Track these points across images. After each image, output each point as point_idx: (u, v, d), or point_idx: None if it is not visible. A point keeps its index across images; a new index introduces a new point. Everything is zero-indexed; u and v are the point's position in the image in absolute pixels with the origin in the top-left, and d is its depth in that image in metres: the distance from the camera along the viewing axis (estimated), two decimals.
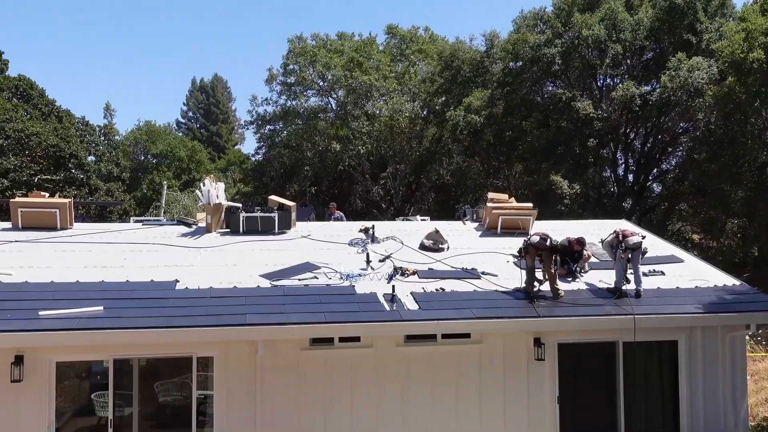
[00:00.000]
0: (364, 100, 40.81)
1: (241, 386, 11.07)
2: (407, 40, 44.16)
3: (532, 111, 34.61)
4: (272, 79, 43.41)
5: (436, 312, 11.30)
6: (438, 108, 40.35)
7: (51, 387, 10.57)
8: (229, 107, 72.78)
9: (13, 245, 13.66)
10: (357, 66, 40.73)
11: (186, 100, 71.90)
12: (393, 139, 41.24)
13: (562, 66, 32.53)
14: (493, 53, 37.09)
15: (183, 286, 11.86)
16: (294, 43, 42.73)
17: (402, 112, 39.21)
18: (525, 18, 36.63)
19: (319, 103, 44.03)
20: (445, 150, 40.58)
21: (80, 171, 39.49)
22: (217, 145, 67.50)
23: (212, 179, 16.00)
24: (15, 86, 42.75)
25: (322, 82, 42.41)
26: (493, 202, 16.57)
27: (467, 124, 34.66)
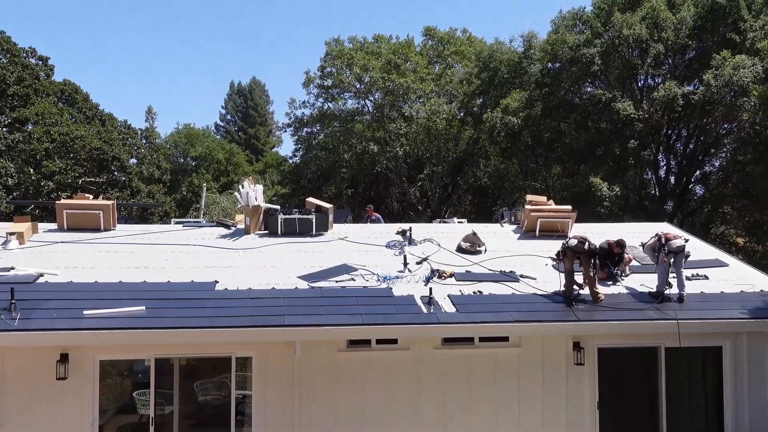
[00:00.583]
0: (401, 102, 40.83)
1: (278, 387, 11.16)
2: (445, 41, 44.04)
3: (571, 112, 34.18)
4: (309, 82, 43.70)
5: (473, 315, 11.23)
6: (475, 110, 40.13)
7: (94, 385, 10.81)
8: (266, 110, 73.51)
9: (59, 246, 14.01)
10: (394, 68, 40.76)
11: (224, 104, 72.87)
12: (430, 141, 41.15)
13: (601, 66, 32.07)
14: (531, 54, 36.76)
15: (222, 286, 12.01)
16: (331, 46, 42.97)
17: (439, 113, 39.10)
18: (564, 18, 36.22)
19: (355, 106, 44.19)
20: (482, 152, 40.35)
21: (122, 173, 40.27)
22: (255, 147, 68.25)
23: (251, 181, 16.17)
24: (60, 91, 43.88)
25: (359, 84, 42.53)
26: (531, 205, 16.42)
27: (505, 126, 34.41)
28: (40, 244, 14.09)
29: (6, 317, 10.26)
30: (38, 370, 10.60)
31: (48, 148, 36.66)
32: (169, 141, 59.24)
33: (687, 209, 34.48)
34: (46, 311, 10.64)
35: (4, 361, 10.60)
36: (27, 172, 36.79)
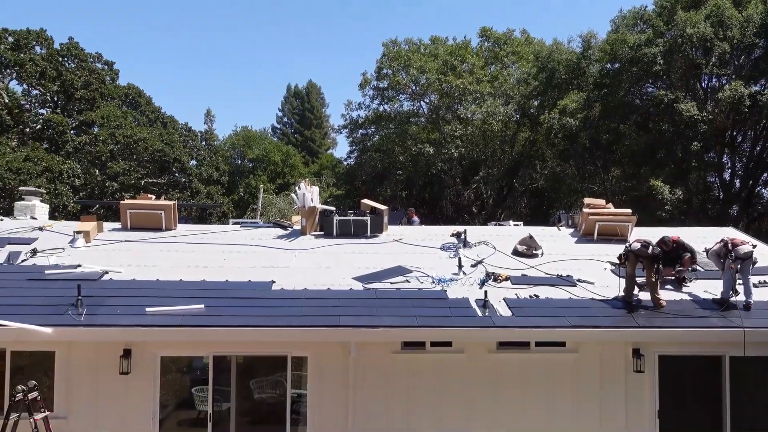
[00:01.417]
0: (457, 104, 40.66)
1: (333, 387, 11.23)
2: (501, 42, 43.66)
3: (631, 113, 33.42)
4: (366, 83, 43.93)
5: (529, 319, 11.09)
6: (532, 111, 39.66)
7: (156, 380, 11.11)
8: (322, 112, 74.22)
9: (122, 244, 14.45)
10: (450, 70, 40.63)
11: (281, 106, 73.93)
12: (485, 142, 40.84)
13: (663, 66, 31.26)
14: (590, 54, 36.11)
15: (279, 286, 12.18)
16: (388, 48, 43.11)
17: (495, 115, 38.78)
18: (624, 17, 35.46)
19: (411, 107, 44.21)
20: (539, 154, 39.84)
21: (183, 175, 41.30)
22: (311, 149, 68.99)
23: (307, 183, 16.35)
24: (125, 94, 45.31)
25: (415, 86, 42.53)
26: (589, 208, 16.12)
27: (562, 128, 33.89)
28: (105, 242, 14.57)
29: (73, 313, 10.66)
30: (102, 364, 10.96)
31: (113, 150, 37.87)
32: (228, 143, 60.44)
33: (753, 213, 33.27)
34: (111, 308, 11.00)
35: (70, 356, 10.99)
36: (93, 173, 38.12)
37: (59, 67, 41.47)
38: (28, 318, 10.39)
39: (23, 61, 39.40)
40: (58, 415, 10.66)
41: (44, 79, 40.49)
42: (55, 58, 41.54)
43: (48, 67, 40.46)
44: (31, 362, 11.09)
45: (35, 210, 17.08)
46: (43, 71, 40.16)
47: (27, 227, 15.49)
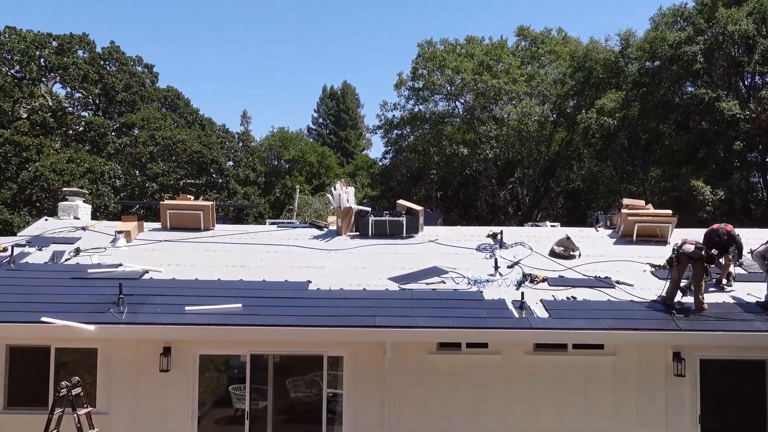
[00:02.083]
0: (492, 104, 40.42)
1: (369, 387, 11.27)
2: (538, 41, 43.28)
3: (671, 112, 32.82)
4: (401, 84, 43.96)
5: (567, 321, 10.97)
6: (569, 111, 39.23)
7: (194, 378, 11.28)
8: (357, 113, 74.45)
9: (162, 244, 14.71)
10: (486, 69, 40.41)
11: (317, 107, 74.33)
12: (521, 143, 40.53)
13: (704, 64, 30.64)
14: (629, 53, 35.59)
15: (315, 286, 12.26)
16: (424, 48, 43.07)
17: (531, 115, 38.47)
18: (664, 15, 34.88)
19: (446, 108, 44.09)
20: (576, 154, 39.39)
21: (220, 175, 41.83)
22: (346, 150, 69.25)
23: (343, 184, 16.43)
24: (164, 97, 46.10)
25: (450, 86, 42.41)
26: (628, 209, 15.88)
27: (600, 127, 33.45)
28: (146, 242, 14.84)
29: (115, 311, 10.88)
30: (143, 362, 11.18)
31: (152, 152, 38.56)
32: (264, 144, 61.02)
33: None
34: (151, 306, 11.19)
35: (112, 353, 11.23)
36: (133, 173, 38.86)
37: (101, 71, 42.37)
38: (72, 316, 10.64)
39: (66, 65, 40.37)
40: (100, 411, 10.90)
41: (86, 83, 41.41)
42: (97, 62, 42.46)
43: (90, 71, 41.37)
44: (74, 359, 11.36)
45: (78, 210, 17.47)
46: (85, 75, 41.08)
47: (70, 227, 15.87)
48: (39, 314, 10.64)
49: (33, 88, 40.29)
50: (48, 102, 40.39)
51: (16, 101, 38.64)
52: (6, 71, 39.95)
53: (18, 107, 38.82)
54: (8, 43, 40.20)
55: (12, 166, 35.61)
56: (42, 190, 33.05)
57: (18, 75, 40.28)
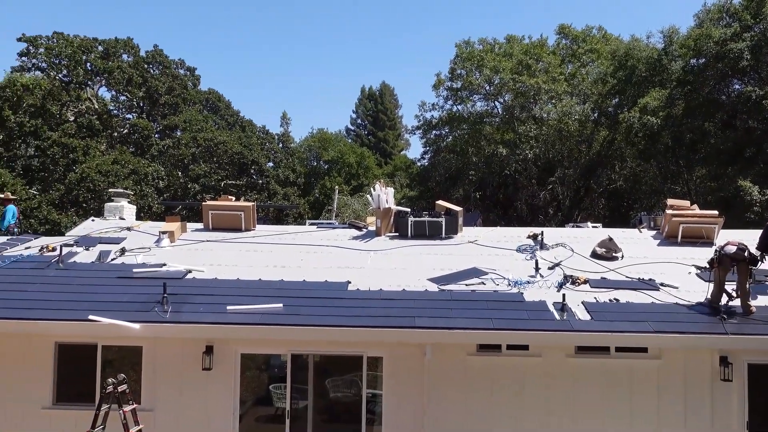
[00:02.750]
0: (532, 104, 40.02)
1: (408, 387, 11.26)
2: (579, 40, 42.70)
3: (716, 111, 32.06)
4: (439, 84, 43.85)
5: (609, 323, 10.78)
6: (610, 110, 38.61)
7: (236, 376, 11.42)
8: (395, 114, 74.51)
9: (204, 244, 14.93)
10: (525, 69, 40.03)
11: (355, 108, 74.62)
12: (561, 142, 40.02)
13: (751, 61, 29.85)
14: (672, 50, 34.88)
15: (355, 287, 12.30)
16: (462, 48, 42.90)
17: (571, 114, 37.96)
18: (709, 11, 34.10)
19: (485, 108, 43.83)
20: (618, 154, 38.74)
21: (260, 176, 42.34)
22: (384, 150, 69.36)
23: (382, 184, 16.46)
24: (206, 99, 46.85)
25: (489, 86, 42.15)
26: (672, 209, 15.56)
27: (642, 126, 32.85)
28: (189, 242, 15.09)
29: (159, 310, 11.08)
30: (186, 360, 11.36)
31: (194, 153, 39.22)
32: (303, 145, 61.50)
33: None
34: (194, 305, 11.37)
35: (156, 351, 11.44)
36: (175, 175, 39.57)
37: (145, 74, 43.27)
38: (118, 314, 10.87)
39: (112, 69, 41.32)
40: (145, 408, 11.10)
41: (131, 86, 42.33)
42: (141, 66, 43.37)
43: (134, 74, 42.27)
44: (120, 356, 11.61)
45: (123, 211, 17.85)
46: (130, 78, 42.00)
47: (116, 227, 16.23)
48: (86, 312, 10.90)
49: (80, 92, 41.34)
50: (94, 105, 41.39)
51: (64, 104, 39.71)
52: (54, 75, 41.08)
53: (65, 110, 39.88)
54: (56, 48, 41.34)
55: (60, 168, 36.62)
56: (88, 191, 33.88)
57: (66, 79, 41.37)
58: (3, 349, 11.52)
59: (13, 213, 18.08)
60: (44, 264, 13.35)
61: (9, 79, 39.07)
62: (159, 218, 28.56)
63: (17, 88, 37.37)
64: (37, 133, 37.49)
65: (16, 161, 37.50)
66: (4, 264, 13.31)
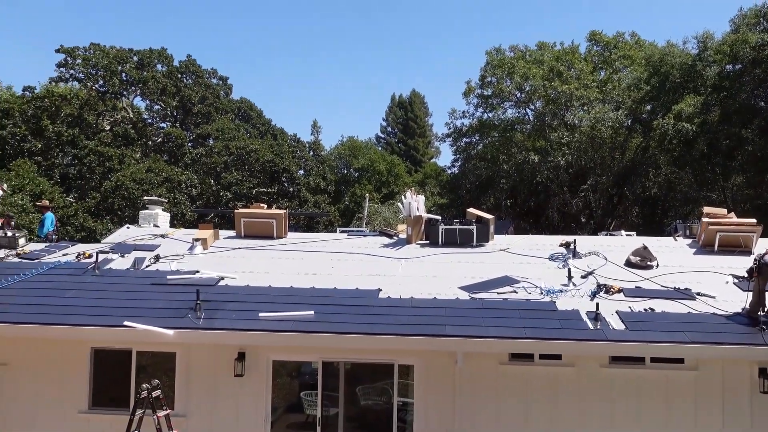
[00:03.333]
0: (564, 111, 39.68)
1: (440, 396, 11.20)
2: (611, 46, 42.25)
3: (754, 117, 31.44)
4: (470, 91, 43.74)
5: (644, 333, 10.61)
6: (644, 116, 38.09)
7: (268, 383, 11.48)
8: (425, 121, 74.48)
9: (237, 251, 15.07)
10: (556, 76, 39.73)
11: (385, 116, 74.76)
12: (594, 150, 39.57)
13: None
14: (707, 56, 34.31)
15: (385, 295, 12.30)
16: (492, 56, 42.76)
17: (604, 121, 37.51)
18: (745, 16, 33.50)
19: (516, 115, 43.59)
20: (652, 161, 38.17)
21: (292, 184, 42.65)
22: (414, 158, 69.34)
23: (413, 192, 16.45)
24: (238, 108, 47.38)
25: (520, 93, 41.92)
26: (708, 217, 15.28)
27: (677, 133, 32.35)
28: (221, 249, 15.25)
29: (192, 316, 11.20)
30: (219, 366, 11.46)
31: (227, 161, 39.67)
32: (334, 153, 61.80)
33: None
34: (227, 312, 11.47)
35: (189, 357, 11.56)
36: (208, 183, 40.06)
37: (178, 84, 43.95)
38: (152, 320, 11.02)
39: (146, 79, 42.06)
40: (178, 413, 11.22)
41: (165, 95, 43.04)
42: (175, 75, 44.06)
43: (168, 84, 42.97)
44: (154, 362, 11.76)
45: (158, 218, 18.11)
46: (163, 88, 42.70)
47: (150, 235, 16.48)
48: (121, 318, 11.07)
49: (115, 102, 42.14)
50: (129, 114, 42.16)
51: (100, 114, 40.51)
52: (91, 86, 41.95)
53: (102, 120, 40.69)
54: (93, 58, 42.22)
55: (96, 176, 37.32)
56: (123, 199, 34.47)
57: (102, 89, 42.21)
58: (41, 353, 11.75)
59: (52, 220, 18.48)
60: (81, 270, 13.61)
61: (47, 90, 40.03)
62: (192, 226, 28.89)
63: (55, 98, 38.28)
64: (74, 142, 38.31)
65: (54, 170, 38.33)
66: (43, 270, 13.60)
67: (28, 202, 28.84)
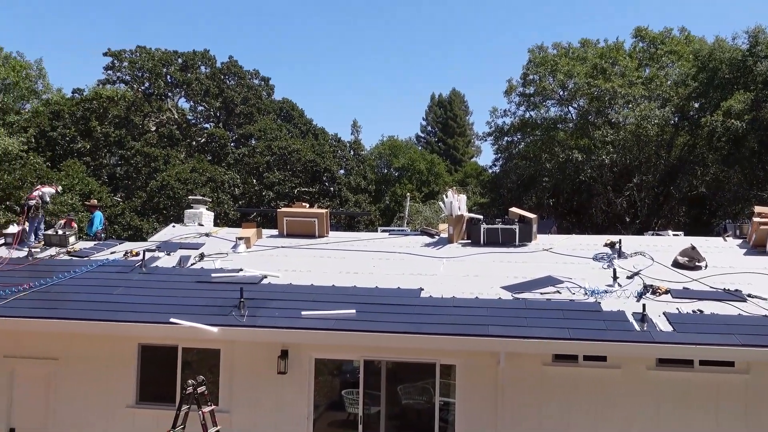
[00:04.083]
0: (608, 108, 38.97)
1: (482, 397, 11.13)
2: (657, 42, 41.34)
3: None
4: (511, 90, 43.31)
5: (693, 335, 10.35)
6: (692, 113, 37.18)
7: (310, 381, 11.57)
8: (465, 120, 74.09)
9: (279, 250, 15.22)
10: (600, 73, 39.04)
11: (425, 115, 74.60)
12: (639, 148, 38.75)
13: None
14: (758, 51, 33.29)
15: (427, 294, 12.26)
16: (535, 53, 42.25)
17: (650, 119, 36.70)
18: None
19: (558, 113, 43.00)
20: (700, 159, 37.23)
21: (332, 184, 42.87)
22: (454, 157, 69.05)
23: (454, 191, 16.38)
24: (279, 108, 47.84)
25: (563, 91, 41.33)
26: (760, 217, 14.84)
27: (726, 130, 31.50)
28: (264, 248, 15.41)
29: (236, 314, 11.35)
30: (262, 364, 11.59)
31: (269, 161, 40.09)
32: (374, 152, 61.92)
33: None
34: (270, 310, 11.58)
35: (233, 354, 11.72)
36: (251, 182, 40.55)
37: (221, 85, 44.61)
38: (197, 317, 11.20)
39: (190, 81, 42.81)
40: (223, 409, 11.37)
41: (208, 97, 43.74)
42: (218, 77, 44.74)
43: (211, 85, 43.66)
44: (198, 358, 11.96)
45: (202, 217, 18.39)
46: (207, 89, 43.41)
47: (195, 233, 16.74)
48: (168, 315, 11.28)
49: (161, 103, 42.99)
50: (174, 115, 42.97)
51: (146, 115, 41.38)
52: (137, 88, 42.90)
53: (147, 121, 41.56)
54: (139, 61, 43.14)
55: (142, 176, 38.13)
56: (168, 198, 35.12)
57: (148, 91, 43.13)
58: (91, 348, 12.04)
59: (101, 219, 18.96)
60: (128, 268, 13.91)
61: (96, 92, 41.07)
62: (235, 225, 29.28)
63: (103, 100, 39.25)
64: (121, 143, 39.22)
65: (102, 170, 39.30)
66: (92, 268, 13.94)
67: (77, 202, 29.64)
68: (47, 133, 38.17)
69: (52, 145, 38.27)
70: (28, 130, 37.74)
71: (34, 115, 40.58)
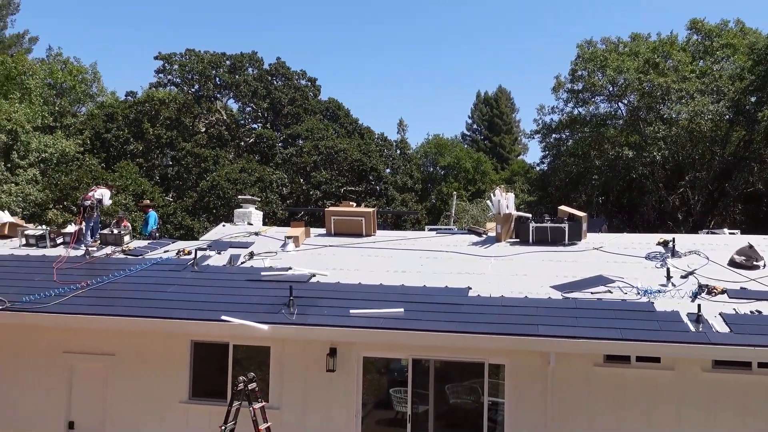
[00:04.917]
0: (660, 104, 38.04)
1: (531, 397, 11.02)
2: (713, 35, 40.13)
3: None
4: (559, 86, 42.68)
5: (751, 337, 10.04)
6: (748, 108, 36.02)
7: (358, 379, 11.63)
8: (512, 118, 73.36)
9: (327, 249, 15.33)
10: (652, 68, 38.13)
11: (471, 113, 74.12)
12: (692, 144, 37.75)
13: None
14: None
15: (475, 293, 12.19)
16: (584, 49, 41.53)
17: (704, 114, 35.69)
18: None
19: (608, 109, 42.19)
20: (756, 155, 36.07)
21: (379, 183, 42.97)
22: (501, 155, 68.44)
23: (502, 189, 16.24)
24: (326, 108, 48.20)
25: (613, 87, 40.53)
26: None
27: None
28: (312, 247, 15.55)
29: (286, 312, 11.48)
30: (311, 361, 11.70)
31: (316, 161, 40.42)
32: (420, 151, 61.83)
33: None
34: (318, 308, 11.68)
35: (283, 351, 11.87)
36: (298, 182, 40.96)
37: (269, 86, 45.21)
38: (248, 315, 11.36)
39: (238, 83, 43.51)
40: (273, 406, 11.54)
41: (256, 98, 44.37)
42: (265, 78, 45.35)
43: (259, 87, 44.28)
44: (249, 355, 12.13)
45: (251, 217, 18.66)
46: (255, 90, 44.04)
47: (245, 232, 17.00)
48: (219, 313, 11.48)
49: (210, 105, 43.81)
50: (223, 116, 43.71)
51: (196, 117, 42.21)
52: (187, 90, 43.80)
53: (197, 122, 42.39)
54: (188, 64, 44.05)
55: (192, 176, 38.91)
56: (218, 198, 35.76)
57: (197, 93, 44.01)
58: (145, 345, 12.36)
59: (155, 219, 19.43)
60: (181, 266, 14.21)
61: (147, 95, 42.10)
62: (283, 224, 29.63)
63: (155, 102, 40.20)
64: (172, 144, 40.11)
65: (155, 170, 40.25)
66: (146, 266, 14.29)
67: (131, 202, 30.43)
68: (102, 135, 39.31)
69: (107, 146, 39.39)
70: (83, 132, 38.95)
71: (89, 117, 41.86)
